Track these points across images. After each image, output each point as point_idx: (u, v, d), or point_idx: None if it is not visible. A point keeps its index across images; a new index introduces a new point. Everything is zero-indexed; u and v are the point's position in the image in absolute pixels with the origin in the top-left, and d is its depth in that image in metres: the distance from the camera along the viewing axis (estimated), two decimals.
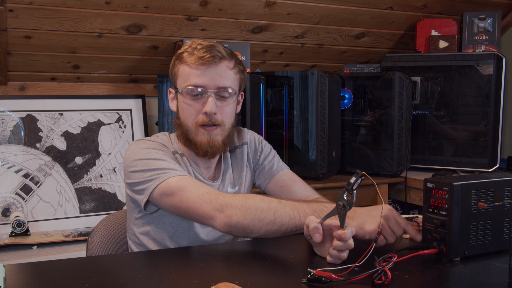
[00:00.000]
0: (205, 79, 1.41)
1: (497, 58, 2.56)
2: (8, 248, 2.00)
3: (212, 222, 1.29)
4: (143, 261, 1.25)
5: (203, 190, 1.31)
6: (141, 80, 2.72)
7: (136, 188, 1.39)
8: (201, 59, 1.40)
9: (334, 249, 1.15)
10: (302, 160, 2.45)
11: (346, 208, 1.14)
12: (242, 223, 1.25)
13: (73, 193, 2.35)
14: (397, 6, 2.77)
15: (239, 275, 1.06)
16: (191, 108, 1.42)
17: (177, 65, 1.46)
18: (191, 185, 1.33)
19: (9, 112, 2.31)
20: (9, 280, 1.05)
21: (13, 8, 2.11)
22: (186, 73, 1.42)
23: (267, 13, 2.53)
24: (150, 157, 1.38)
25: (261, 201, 1.27)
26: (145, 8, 2.29)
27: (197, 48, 1.42)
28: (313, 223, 1.19)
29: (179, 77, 1.45)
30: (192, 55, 1.42)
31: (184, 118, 1.45)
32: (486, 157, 2.60)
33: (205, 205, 1.29)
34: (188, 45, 1.46)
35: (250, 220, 1.25)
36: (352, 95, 2.66)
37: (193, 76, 1.41)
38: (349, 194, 1.15)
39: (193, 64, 1.41)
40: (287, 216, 1.25)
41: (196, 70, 1.41)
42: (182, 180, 1.34)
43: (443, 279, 1.11)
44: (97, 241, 1.54)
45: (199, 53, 1.41)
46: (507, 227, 1.24)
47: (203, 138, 1.42)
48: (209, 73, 1.41)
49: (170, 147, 1.47)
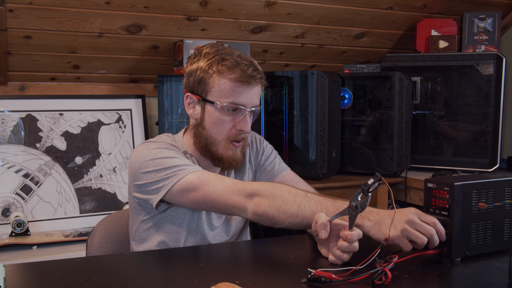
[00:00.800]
0: (247, 99, 1.40)
1: (497, 58, 2.56)
2: (8, 248, 2.00)
3: (242, 212, 1.30)
4: (143, 261, 1.25)
5: (228, 182, 1.32)
6: (141, 80, 2.72)
7: (149, 189, 1.37)
8: (246, 80, 1.38)
9: (338, 249, 1.15)
10: (302, 160, 2.45)
11: (358, 210, 1.14)
12: (269, 213, 1.27)
13: (73, 193, 2.35)
14: (397, 6, 2.77)
15: (239, 275, 1.06)
16: (226, 124, 1.41)
17: (214, 75, 1.40)
18: (214, 178, 1.33)
19: (9, 112, 2.31)
20: (9, 280, 1.05)
21: (13, 8, 2.10)
22: (228, 89, 1.38)
23: (267, 13, 2.53)
24: (163, 156, 1.37)
25: (288, 193, 1.28)
26: (145, 8, 2.29)
27: (239, 63, 1.38)
28: (321, 219, 1.19)
29: (216, 90, 1.40)
30: (234, 71, 1.38)
31: (215, 132, 1.42)
32: (486, 157, 2.60)
33: (233, 196, 1.30)
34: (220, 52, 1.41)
35: (276, 211, 1.26)
36: (352, 95, 2.66)
37: (237, 94, 1.39)
38: (364, 195, 1.14)
39: (238, 82, 1.38)
40: (310, 211, 1.26)
41: (239, 88, 1.39)
42: (204, 174, 1.34)
43: (443, 279, 1.11)
44: (97, 241, 1.53)
45: (243, 71, 1.38)
46: (507, 227, 1.24)
47: (229, 154, 1.43)
48: (250, 93, 1.40)
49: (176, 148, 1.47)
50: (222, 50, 1.42)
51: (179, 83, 2.40)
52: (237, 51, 1.44)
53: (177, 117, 2.41)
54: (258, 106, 1.44)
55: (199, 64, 1.42)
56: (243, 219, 1.55)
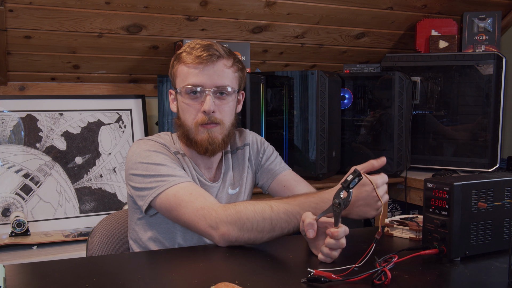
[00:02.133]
0: (203, 78, 1.40)
1: (497, 58, 2.56)
2: (8, 248, 2.00)
3: (211, 239, 1.29)
4: (143, 261, 1.25)
5: (198, 205, 1.30)
6: (141, 80, 2.72)
7: (137, 193, 1.39)
8: (199, 58, 1.40)
9: (326, 247, 1.15)
10: (302, 160, 2.45)
11: (341, 207, 1.14)
12: (242, 238, 1.26)
13: (73, 193, 2.35)
14: (397, 6, 2.77)
15: (239, 275, 1.06)
16: (190, 108, 1.43)
17: (176, 65, 1.46)
18: (187, 198, 1.31)
19: (9, 112, 2.31)
20: (9, 280, 1.05)
21: (13, 8, 2.11)
22: (184, 73, 1.43)
23: (267, 13, 2.53)
24: (150, 161, 1.37)
25: (253, 213, 1.26)
26: (145, 8, 2.29)
27: (195, 47, 1.42)
28: (308, 219, 1.20)
29: (178, 77, 1.45)
30: (190, 55, 1.42)
31: (184, 118, 1.44)
32: (486, 157, 2.60)
33: (200, 222, 1.28)
34: (187, 45, 1.46)
35: (250, 233, 1.25)
36: (352, 95, 2.66)
37: (191, 75, 1.41)
38: (346, 192, 1.14)
39: (191, 63, 1.41)
40: (285, 222, 1.26)
41: (194, 70, 1.41)
42: (180, 191, 1.33)
43: (443, 279, 1.11)
44: (97, 241, 1.54)
45: (196, 52, 1.41)
46: (507, 227, 1.24)
47: (203, 136, 1.42)
48: (207, 71, 1.41)
49: (172, 147, 1.47)
50: (191, 44, 1.45)
51: None
52: (208, 42, 1.45)
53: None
54: (223, 85, 1.42)
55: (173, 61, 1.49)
56: None
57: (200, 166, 1.50)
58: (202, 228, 1.29)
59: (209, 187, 1.49)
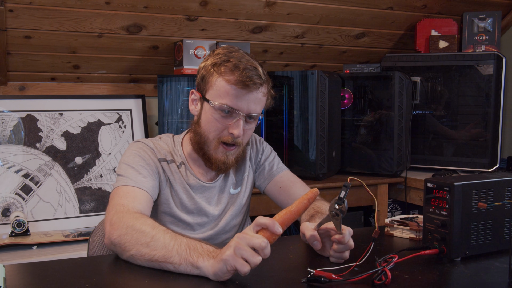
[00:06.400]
0: (241, 104, 1.37)
1: (497, 58, 2.56)
2: (8, 248, 2.00)
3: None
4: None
5: (115, 210, 1.28)
6: (141, 80, 2.72)
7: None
8: (243, 83, 1.36)
9: (336, 252, 1.17)
10: (302, 160, 2.45)
11: (340, 215, 1.15)
12: (120, 242, 1.21)
13: (73, 193, 2.35)
14: (397, 6, 2.77)
15: (239, 275, 1.06)
16: (218, 124, 1.40)
17: (215, 75, 1.40)
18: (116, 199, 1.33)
19: (9, 112, 2.31)
20: (9, 280, 1.05)
21: (13, 8, 2.10)
22: (224, 90, 1.38)
23: (267, 13, 2.53)
24: (127, 162, 1.41)
25: (143, 226, 1.20)
26: (145, 8, 2.29)
27: (240, 67, 1.36)
28: (308, 231, 1.21)
29: (214, 89, 1.39)
30: (233, 73, 1.36)
31: (206, 129, 1.42)
32: (486, 157, 2.60)
33: (106, 219, 1.28)
34: (229, 56, 1.39)
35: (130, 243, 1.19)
36: (352, 95, 2.66)
37: (231, 96, 1.37)
38: (340, 205, 1.16)
39: (234, 84, 1.36)
40: (163, 243, 1.14)
41: (235, 91, 1.37)
42: (119, 192, 1.34)
43: (443, 279, 1.11)
44: (98, 240, 1.54)
45: (241, 75, 1.35)
46: (507, 227, 1.24)
47: (219, 156, 1.43)
48: (247, 98, 1.38)
49: (162, 153, 1.47)
50: (232, 53, 1.40)
51: (179, 83, 2.40)
52: (248, 57, 1.41)
53: (177, 117, 2.41)
54: (256, 113, 1.41)
55: (206, 62, 1.43)
56: (240, 214, 1.55)
57: (198, 169, 1.50)
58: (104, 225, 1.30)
59: (207, 188, 1.49)
